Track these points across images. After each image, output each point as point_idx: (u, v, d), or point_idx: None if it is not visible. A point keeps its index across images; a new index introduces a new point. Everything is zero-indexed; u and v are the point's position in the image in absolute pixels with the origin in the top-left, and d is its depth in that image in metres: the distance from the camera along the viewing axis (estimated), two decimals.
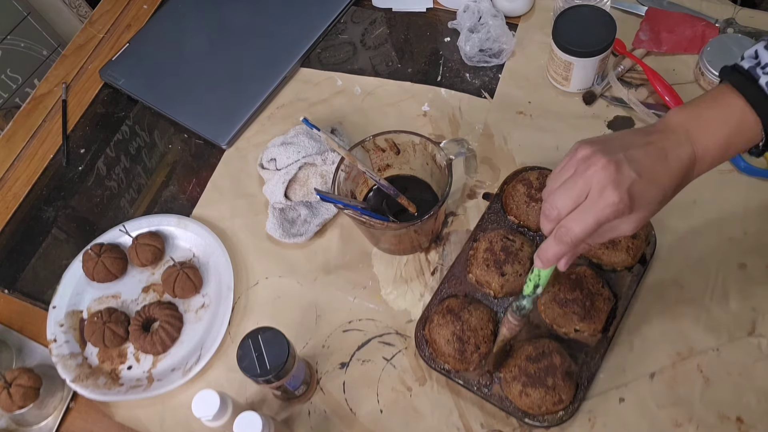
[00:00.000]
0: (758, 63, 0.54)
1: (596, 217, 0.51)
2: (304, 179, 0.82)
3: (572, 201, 0.52)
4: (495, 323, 0.72)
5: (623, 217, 0.52)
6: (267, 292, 0.80)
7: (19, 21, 1.40)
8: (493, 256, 0.73)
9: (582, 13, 0.82)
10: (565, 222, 0.52)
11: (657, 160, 0.52)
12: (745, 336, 0.70)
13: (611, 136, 0.55)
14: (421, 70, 0.94)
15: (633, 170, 0.51)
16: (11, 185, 0.94)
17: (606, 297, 0.71)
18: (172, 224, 0.85)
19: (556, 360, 0.67)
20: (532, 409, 0.66)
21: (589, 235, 0.52)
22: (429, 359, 0.71)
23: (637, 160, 0.52)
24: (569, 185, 0.52)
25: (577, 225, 0.52)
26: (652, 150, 0.53)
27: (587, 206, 0.51)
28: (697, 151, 0.54)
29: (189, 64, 0.98)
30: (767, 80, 0.52)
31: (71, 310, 0.81)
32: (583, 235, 0.52)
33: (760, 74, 0.53)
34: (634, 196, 0.51)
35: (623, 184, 0.51)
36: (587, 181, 0.51)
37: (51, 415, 0.76)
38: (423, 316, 0.74)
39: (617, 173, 0.51)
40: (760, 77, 0.53)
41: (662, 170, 0.52)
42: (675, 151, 0.53)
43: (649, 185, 0.52)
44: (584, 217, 0.51)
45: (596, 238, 0.54)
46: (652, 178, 0.52)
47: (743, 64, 0.55)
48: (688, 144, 0.54)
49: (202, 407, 0.62)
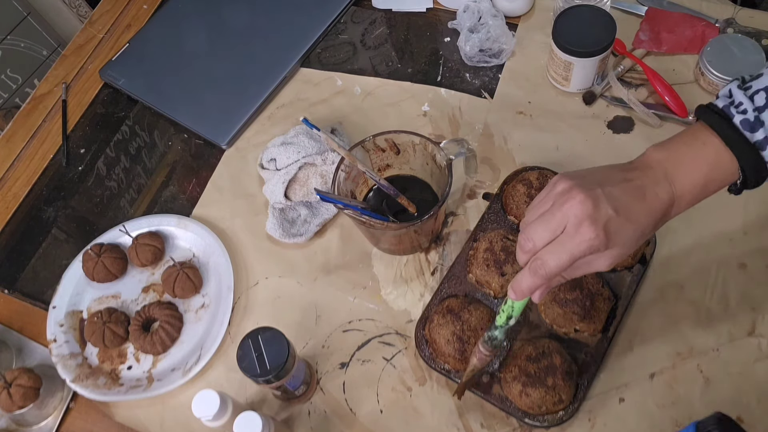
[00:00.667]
0: (732, 102, 0.54)
1: (571, 252, 0.51)
2: (304, 179, 0.82)
3: (549, 234, 0.52)
4: None
5: (598, 253, 0.52)
6: (267, 292, 0.80)
7: (19, 21, 1.40)
8: (493, 256, 0.73)
9: (582, 13, 0.82)
10: (541, 254, 0.52)
11: (635, 198, 0.53)
12: (745, 336, 0.70)
13: (591, 170, 0.55)
14: (421, 70, 0.94)
15: (610, 207, 0.51)
16: (11, 185, 0.94)
17: (606, 297, 0.71)
18: (172, 224, 0.85)
19: (556, 360, 0.67)
20: (533, 409, 0.66)
21: (564, 269, 0.52)
22: (429, 359, 0.71)
23: (615, 197, 0.52)
24: (546, 218, 0.52)
25: (552, 259, 0.52)
26: (630, 187, 0.53)
27: (563, 240, 0.51)
28: (676, 191, 0.54)
29: (189, 64, 0.98)
30: (741, 119, 0.53)
31: (71, 310, 0.81)
32: (557, 269, 0.52)
33: (734, 113, 0.53)
34: (611, 233, 0.51)
35: (600, 220, 0.50)
36: (564, 215, 0.51)
37: (51, 415, 0.76)
38: (423, 316, 0.74)
39: (594, 209, 0.51)
40: (734, 116, 0.53)
41: (640, 208, 0.53)
42: (653, 189, 0.53)
43: (625, 222, 0.52)
44: (559, 251, 0.51)
45: (571, 272, 0.55)
46: (629, 215, 0.52)
47: (717, 103, 0.55)
48: (666, 183, 0.54)
49: (202, 407, 0.62)
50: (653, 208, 0.53)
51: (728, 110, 0.54)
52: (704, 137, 0.54)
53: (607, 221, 0.51)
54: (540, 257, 0.52)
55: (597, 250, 0.51)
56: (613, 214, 0.51)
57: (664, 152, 0.55)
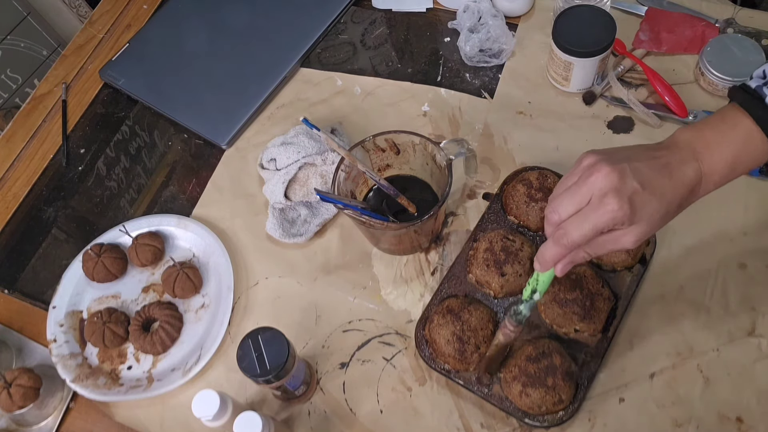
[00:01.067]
0: (766, 82, 0.54)
1: (594, 222, 0.51)
2: (304, 179, 0.82)
3: (574, 206, 0.53)
4: (495, 323, 0.72)
5: (624, 229, 0.52)
6: (267, 292, 0.80)
7: (19, 21, 1.40)
8: (493, 256, 0.73)
9: (582, 13, 0.82)
10: (565, 225, 0.53)
11: (661, 174, 0.53)
12: (745, 336, 0.70)
13: (618, 148, 0.56)
14: (421, 70, 0.94)
15: (636, 181, 0.51)
16: (11, 185, 0.94)
17: (606, 297, 0.71)
18: (172, 224, 0.85)
19: (556, 360, 0.67)
20: (533, 409, 0.66)
21: (587, 239, 0.52)
22: (429, 359, 0.71)
23: (641, 172, 0.52)
24: (573, 191, 0.53)
25: (575, 228, 0.52)
26: (657, 164, 0.53)
27: (587, 211, 0.52)
28: (704, 169, 0.54)
29: (189, 64, 0.98)
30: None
31: (71, 310, 0.81)
32: (579, 239, 0.52)
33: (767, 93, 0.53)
34: (635, 207, 0.51)
35: (625, 193, 0.51)
36: (590, 188, 0.52)
37: (51, 415, 0.76)
38: (423, 316, 0.74)
39: (620, 182, 0.51)
40: (767, 96, 0.53)
41: (666, 184, 0.53)
42: (680, 167, 0.53)
43: (651, 197, 0.52)
44: (582, 222, 0.52)
45: (596, 248, 0.54)
46: (654, 190, 0.52)
47: (750, 84, 0.55)
48: (694, 161, 0.54)
49: (202, 407, 0.62)
50: (680, 185, 0.53)
51: (761, 90, 0.53)
52: (735, 117, 0.54)
53: (632, 194, 0.51)
54: (563, 227, 0.53)
55: (621, 223, 0.51)
56: (639, 188, 0.51)
57: (693, 132, 0.55)
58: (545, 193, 0.76)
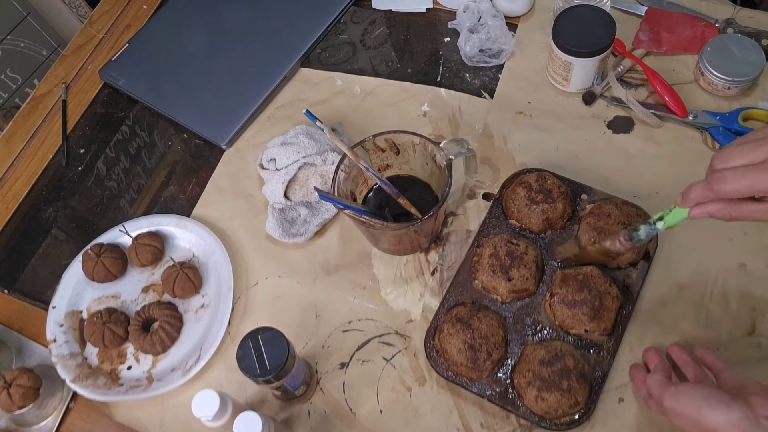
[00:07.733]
0: None
1: (754, 180, 0.49)
2: (304, 179, 0.82)
3: (744, 159, 0.50)
4: (505, 329, 0.71)
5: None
6: (267, 292, 0.80)
7: (19, 21, 1.40)
8: (498, 261, 0.73)
9: (582, 13, 0.82)
10: (725, 171, 0.51)
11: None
12: (745, 336, 0.70)
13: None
14: (421, 70, 0.94)
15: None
16: (11, 185, 0.94)
17: (614, 295, 0.70)
18: (171, 224, 0.85)
19: (569, 362, 0.66)
20: (549, 413, 0.66)
21: (738, 194, 0.50)
22: (442, 369, 0.70)
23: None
24: (750, 146, 0.50)
25: (733, 179, 0.50)
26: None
27: (753, 168, 0.49)
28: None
29: (189, 64, 0.98)
30: None
31: (71, 310, 0.81)
32: (731, 191, 0.50)
33: None
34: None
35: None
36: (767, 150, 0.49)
37: (51, 416, 0.76)
38: (432, 326, 0.73)
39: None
40: None
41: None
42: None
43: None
44: (744, 175, 0.49)
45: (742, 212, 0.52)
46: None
47: None
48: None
49: (202, 407, 0.62)
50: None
51: None
52: None
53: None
54: (722, 173, 0.51)
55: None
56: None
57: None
58: (545, 195, 0.75)
